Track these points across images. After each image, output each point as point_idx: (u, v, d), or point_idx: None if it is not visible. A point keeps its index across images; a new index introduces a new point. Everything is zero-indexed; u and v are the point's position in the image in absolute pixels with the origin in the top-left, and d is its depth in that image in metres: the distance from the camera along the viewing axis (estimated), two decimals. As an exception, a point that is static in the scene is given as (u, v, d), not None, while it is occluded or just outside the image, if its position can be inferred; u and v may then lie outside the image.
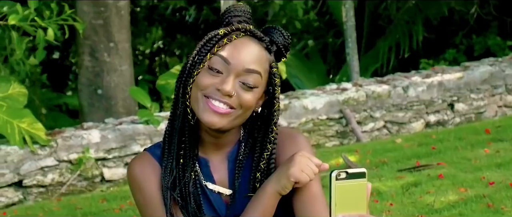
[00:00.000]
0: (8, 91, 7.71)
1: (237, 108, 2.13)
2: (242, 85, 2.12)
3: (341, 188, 1.90)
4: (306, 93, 9.06)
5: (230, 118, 2.13)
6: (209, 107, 2.11)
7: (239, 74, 2.12)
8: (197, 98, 2.13)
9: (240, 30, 2.15)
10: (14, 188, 7.39)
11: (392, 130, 9.13)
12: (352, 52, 11.04)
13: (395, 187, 6.18)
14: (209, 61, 2.13)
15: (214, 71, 2.12)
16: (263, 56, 2.16)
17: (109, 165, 7.75)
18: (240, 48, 2.13)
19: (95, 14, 9.17)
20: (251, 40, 2.16)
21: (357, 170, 1.93)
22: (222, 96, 2.10)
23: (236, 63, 2.12)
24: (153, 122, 7.91)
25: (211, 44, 2.14)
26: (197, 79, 2.13)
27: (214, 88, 2.11)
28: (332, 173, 1.90)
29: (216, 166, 2.22)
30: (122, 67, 9.30)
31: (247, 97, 2.13)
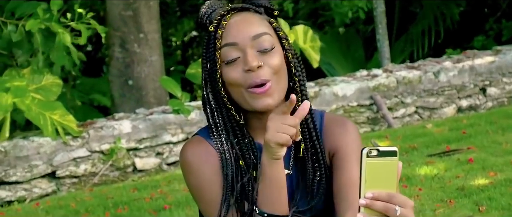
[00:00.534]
0: (41, 82, 7.80)
1: (272, 78, 2.11)
2: (261, 53, 2.11)
3: (371, 165, 1.88)
4: (336, 80, 9.05)
5: (274, 90, 2.11)
6: (256, 94, 2.10)
7: (251, 46, 2.11)
8: (240, 94, 2.12)
9: (225, 14, 2.15)
10: (47, 179, 7.47)
11: (424, 115, 9.10)
12: (383, 38, 11.00)
13: (425, 172, 6.16)
14: (221, 58, 2.13)
15: (231, 62, 2.11)
16: (258, 19, 2.16)
17: (141, 155, 7.81)
18: (235, 25, 2.13)
19: (125, 6, 9.22)
20: (239, 14, 2.16)
21: (389, 148, 1.90)
22: (256, 76, 2.09)
23: (241, 38, 2.11)
24: (183, 112, 7.94)
25: (211, 44, 2.13)
26: (225, 80, 2.13)
27: (244, 74, 2.10)
28: (363, 150, 1.89)
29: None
30: (152, 58, 9.35)
31: (273, 60, 2.11)
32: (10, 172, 7.28)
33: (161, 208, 6.10)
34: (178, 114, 7.96)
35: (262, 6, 2.20)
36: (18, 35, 7.49)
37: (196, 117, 8.00)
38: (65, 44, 7.48)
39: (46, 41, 7.57)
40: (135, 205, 6.28)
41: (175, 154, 7.91)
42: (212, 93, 2.16)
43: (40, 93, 7.75)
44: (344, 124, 2.24)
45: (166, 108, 8.22)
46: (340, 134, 2.21)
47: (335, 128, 2.23)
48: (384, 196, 1.85)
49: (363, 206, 1.88)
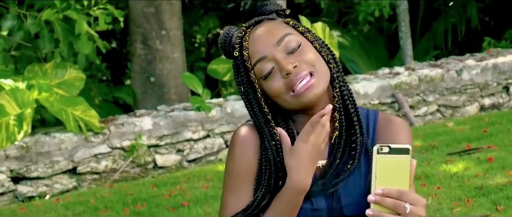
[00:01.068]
0: (64, 76, 7.84)
1: (313, 69, 2.12)
2: (291, 53, 2.12)
3: (382, 162, 1.90)
4: (358, 78, 9.02)
5: (316, 81, 2.11)
6: (303, 91, 2.10)
7: (279, 51, 2.12)
8: (287, 101, 2.14)
9: (243, 35, 2.18)
10: (68, 175, 7.52)
11: (446, 114, 9.05)
12: (405, 36, 10.95)
13: (444, 171, 6.13)
14: (256, 76, 2.16)
15: (268, 75, 2.13)
16: (274, 25, 2.18)
17: (162, 152, 7.83)
18: (257, 40, 2.15)
19: (147, 2, 9.25)
20: (255, 29, 2.19)
21: (401, 145, 1.91)
22: (296, 76, 2.10)
23: (267, 49, 2.13)
24: (204, 109, 7.96)
25: (241, 68, 2.17)
26: (269, 93, 2.15)
27: (285, 79, 2.11)
28: (374, 146, 1.90)
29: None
30: (174, 55, 9.37)
31: (305, 56, 2.12)
32: (32, 168, 7.33)
33: (179, 205, 6.12)
34: (199, 111, 7.98)
35: (272, 12, 2.23)
36: (37, 26, 7.53)
37: (217, 114, 8.01)
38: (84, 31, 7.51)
39: (67, 30, 7.60)
40: (154, 201, 6.30)
41: (196, 151, 7.94)
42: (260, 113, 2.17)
43: (62, 88, 7.79)
44: (398, 124, 2.22)
45: (187, 105, 8.24)
46: (394, 133, 2.19)
47: (389, 127, 2.21)
48: (394, 193, 1.85)
49: (372, 202, 1.88)
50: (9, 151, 7.23)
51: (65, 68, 7.88)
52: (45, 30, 7.56)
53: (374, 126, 2.22)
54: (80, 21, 7.36)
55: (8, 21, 7.49)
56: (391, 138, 2.18)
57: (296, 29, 2.18)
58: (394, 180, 1.89)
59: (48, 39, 7.63)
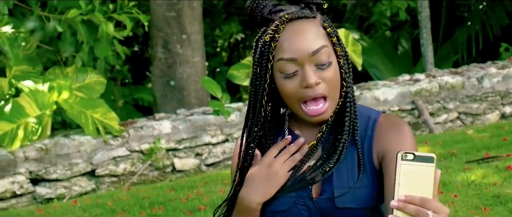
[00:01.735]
0: (85, 80, 7.89)
1: (329, 94, 2.13)
2: (319, 68, 2.12)
3: (406, 169, 1.88)
4: (378, 84, 9.00)
5: (330, 106, 2.14)
6: (311, 115, 2.13)
7: (310, 61, 2.11)
8: (294, 106, 2.16)
9: (281, 24, 2.13)
10: (87, 178, 7.55)
11: (466, 121, 9.01)
12: (427, 42, 10.92)
13: (461, 179, 6.10)
14: (278, 68, 2.14)
15: (290, 75, 2.12)
16: (314, 27, 2.14)
17: (180, 156, 7.85)
18: (291, 40, 2.12)
19: (168, 6, 9.28)
20: (295, 23, 2.14)
21: (425, 154, 1.90)
22: (313, 92, 2.11)
23: (300, 54, 2.10)
24: (223, 113, 7.97)
25: (265, 54, 2.14)
26: (281, 91, 2.15)
27: (302, 88, 2.12)
28: (399, 152, 1.89)
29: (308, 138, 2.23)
30: (194, 59, 9.40)
31: (329, 74, 2.12)
32: (51, 170, 7.37)
33: (196, 208, 6.13)
34: (218, 115, 7.99)
35: (313, 3, 2.18)
36: (63, 25, 7.58)
37: (236, 118, 8.02)
38: (108, 34, 7.55)
39: (90, 33, 7.65)
40: (170, 205, 6.32)
41: (214, 155, 7.95)
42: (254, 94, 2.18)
43: (83, 91, 7.83)
44: (398, 127, 2.20)
45: (207, 109, 8.25)
46: (392, 138, 2.17)
47: (388, 131, 2.19)
48: (417, 200, 1.84)
49: (395, 208, 1.87)
50: (28, 152, 7.27)
51: (86, 72, 7.94)
52: (68, 32, 7.61)
53: (372, 128, 2.21)
54: (103, 24, 7.39)
55: (31, 22, 7.54)
56: (389, 143, 2.16)
57: (330, 38, 2.16)
58: (417, 187, 1.88)
59: (69, 42, 7.68)
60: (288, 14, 2.13)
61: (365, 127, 2.22)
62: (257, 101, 2.18)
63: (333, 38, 2.15)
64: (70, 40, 7.64)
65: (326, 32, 2.15)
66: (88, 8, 7.46)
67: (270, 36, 2.12)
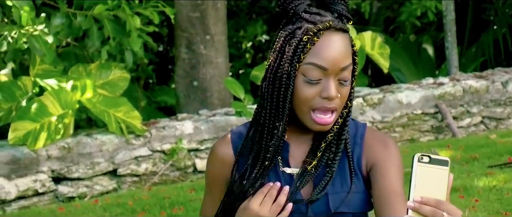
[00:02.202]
0: (108, 77, 7.91)
1: (339, 108, 2.17)
2: (340, 83, 2.15)
3: (422, 171, 1.91)
4: (401, 87, 8.97)
5: (332, 120, 2.18)
6: (319, 123, 2.15)
7: (336, 75, 2.13)
8: (302, 111, 2.16)
9: (323, 29, 2.13)
10: (109, 177, 7.58)
11: (490, 126, 8.96)
12: (451, 46, 10.86)
13: (483, 184, 6.06)
14: (302, 71, 2.13)
15: (313, 81, 2.13)
16: (347, 42, 2.16)
17: (202, 156, 7.86)
18: (328, 49, 2.11)
19: (192, 7, 9.30)
20: (334, 33, 2.14)
21: (440, 157, 1.92)
22: (329, 104, 2.13)
23: (331, 66, 2.11)
24: (246, 114, 7.97)
25: (298, 54, 2.13)
26: (297, 92, 2.15)
27: (319, 97, 2.13)
28: (415, 155, 1.91)
29: (297, 149, 2.26)
30: (217, 60, 9.40)
31: (345, 91, 2.16)
32: (73, 169, 7.40)
33: (216, 209, 6.12)
34: (240, 116, 7.99)
35: (344, 16, 2.19)
36: (88, 22, 7.62)
37: (258, 120, 8.01)
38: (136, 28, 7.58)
39: (116, 28, 7.68)
40: (191, 205, 6.33)
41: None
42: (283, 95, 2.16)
43: (106, 89, 7.85)
44: (386, 141, 2.26)
45: (229, 110, 8.26)
46: (380, 150, 2.24)
47: (376, 142, 2.25)
48: (433, 202, 1.87)
49: (411, 208, 1.90)
50: (51, 151, 7.31)
51: (109, 68, 7.94)
52: (95, 27, 7.65)
53: (361, 138, 2.26)
54: (131, 18, 7.43)
55: (58, 19, 7.58)
56: (377, 154, 2.22)
57: (354, 56, 2.18)
58: (432, 190, 1.91)
59: (97, 37, 7.71)
60: (332, 22, 2.13)
61: (355, 134, 2.27)
62: (286, 101, 2.16)
63: (356, 57, 2.19)
64: (97, 34, 7.68)
65: (353, 50, 2.18)
66: (115, 3, 7.50)
67: (309, 37, 2.12)
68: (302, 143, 2.25)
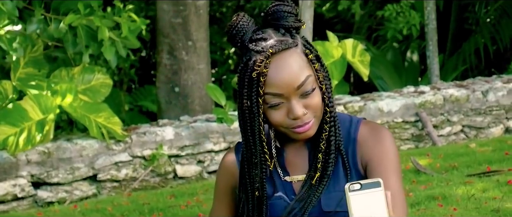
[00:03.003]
0: (91, 82, 7.89)
1: (315, 116, 2.19)
2: (304, 97, 2.16)
3: (356, 199, 1.92)
4: (382, 95, 9.00)
5: (315, 123, 2.19)
6: (298, 133, 2.18)
7: (295, 94, 2.15)
8: (281, 130, 2.20)
9: (266, 59, 2.14)
10: (88, 182, 7.56)
11: (470, 134, 8.99)
12: (433, 55, 10.92)
13: (462, 192, 6.09)
14: (264, 100, 2.16)
15: (275, 106, 2.16)
16: (297, 57, 2.17)
17: (182, 162, 7.86)
18: (278, 74, 2.14)
19: (174, 13, 9.29)
20: (279, 56, 2.15)
21: (371, 180, 1.94)
22: (300, 121, 2.16)
23: (286, 89, 2.14)
24: (227, 121, 7.98)
25: (254, 89, 2.15)
26: (268, 118, 2.18)
27: (288, 119, 2.16)
28: (345, 186, 1.93)
29: (294, 155, 2.28)
30: (199, 66, 9.40)
31: (314, 101, 2.17)
32: (52, 173, 7.38)
33: (195, 215, 6.13)
34: (222, 122, 7.99)
35: (293, 27, 2.19)
36: (60, 31, 7.60)
37: (239, 126, 8.01)
38: (106, 37, 7.55)
39: (90, 36, 7.66)
40: (170, 211, 6.33)
41: (216, 163, 7.95)
42: (250, 129, 2.20)
43: (87, 95, 7.84)
44: (380, 136, 2.25)
45: (210, 116, 8.26)
46: (374, 146, 2.22)
47: (370, 139, 2.24)
48: None
49: None
50: (30, 156, 7.29)
51: (93, 72, 7.92)
52: (69, 34, 7.63)
53: (354, 136, 2.26)
54: (102, 27, 7.42)
55: (33, 25, 7.56)
56: (371, 151, 2.22)
57: (313, 64, 2.18)
58: (373, 212, 1.91)
59: (71, 44, 7.69)
60: (272, 48, 2.14)
61: (348, 131, 2.27)
62: (255, 132, 2.20)
63: (315, 64, 2.19)
64: (72, 40, 7.65)
65: (308, 59, 2.18)
66: (87, 11, 7.48)
67: (257, 73, 2.13)
68: (298, 148, 2.27)
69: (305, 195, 2.21)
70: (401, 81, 13.39)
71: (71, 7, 7.63)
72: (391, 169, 2.19)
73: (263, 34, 2.18)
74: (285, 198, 2.24)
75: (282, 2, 2.20)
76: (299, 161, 2.26)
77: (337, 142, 2.23)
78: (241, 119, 2.22)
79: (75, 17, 7.41)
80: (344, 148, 2.25)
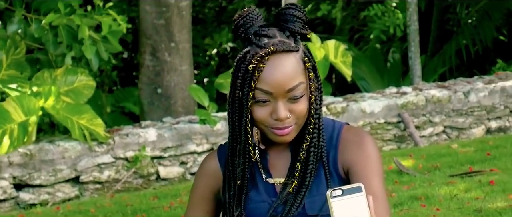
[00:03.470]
0: (73, 84, 7.87)
1: (296, 123, 2.20)
2: (291, 101, 2.18)
3: (338, 205, 1.94)
4: (365, 96, 9.02)
5: (295, 129, 2.21)
6: (276, 134, 2.20)
7: (284, 96, 2.17)
8: (261, 127, 2.22)
9: (266, 55, 2.16)
10: (71, 184, 7.54)
11: (452, 135, 9.03)
12: (415, 56, 10.96)
13: (444, 192, 6.12)
14: (253, 94, 2.18)
15: (261, 102, 2.17)
16: (295, 62, 2.19)
17: (165, 164, 7.85)
18: (272, 74, 2.16)
19: (157, 14, 9.29)
20: (278, 56, 2.17)
21: (352, 185, 1.96)
22: (282, 125, 2.18)
23: (276, 90, 2.16)
24: (210, 122, 7.98)
25: (247, 81, 2.17)
26: (252, 113, 2.19)
27: (270, 118, 2.18)
28: (327, 192, 1.94)
29: (277, 158, 2.29)
30: (182, 67, 9.40)
31: (300, 107, 2.18)
32: (35, 175, 7.36)
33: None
34: (204, 124, 7.99)
35: (299, 33, 2.21)
36: (41, 31, 7.58)
37: (222, 127, 8.03)
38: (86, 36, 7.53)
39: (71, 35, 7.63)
40: (153, 212, 6.32)
41: (199, 164, 7.93)
42: (238, 119, 2.22)
43: (70, 96, 7.82)
44: (361, 141, 2.26)
45: (193, 117, 8.25)
46: (355, 151, 2.24)
47: (351, 144, 2.26)
48: None
49: None
50: (12, 157, 7.26)
51: (75, 74, 7.91)
52: (50, 34, 7.60)
53: (336, 141, 2.27)
54: (83, 26, 7.39)
55: (14, 25, 7.53)
56: (352, 157, 2.24)
57: (308, 73, 2.20)
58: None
59: (52, 43, 7.66)
60: (273, 46, 2.16)
61: (330, 136, 2.28)
62: (242, 124, 2.21)
63: (310, 73, 2.21)
64: (53, 40, 7.62)
65: (305, 66, 2.20)
66: (68, 10, 7.46)
67: (254, 66, 2.15)
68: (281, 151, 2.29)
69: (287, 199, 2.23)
70: (383, 82, 13.43)
71: (51, 7, 7.60)
72: (373, 172, 2.21)
73: (268, 31, 2.20)
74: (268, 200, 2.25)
75: (295, 6, 2.23)
76: (281, 164, 2.28)
77: (319, 153, 2.25)
78: (230, 108, 2.23)
79: (56, 16, 7.39)
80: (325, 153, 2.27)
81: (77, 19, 7.40)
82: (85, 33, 7.46)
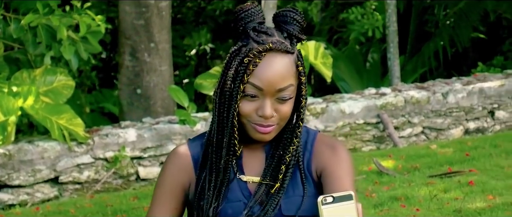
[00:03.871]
0: (52, 83, 7.83)
1: (279, 123, 2.24)
2: (279, 101, 2.21)
3: (329, 212, 1.96)
4: (344, 97, 9.05)
5: (276, 130, 2.24)
6: (258, 131, 2.22)
7: (273, 95, 2.19)
8: (243, 122, 2.23)
9: (263, 51, 2.19)
10: (50, 184, 7.51)
11: (430, 136, 9.08)
12: (394, 57, 11.00)
13: (424, 193, 6.15)
14: (243, 87, 2.20)
15: (249, 97, 2.20)
16: (289, 64, 2.21)
17: (145, 164, 7.84)
18: (267, 70, 2.18)
19: (137, 15, 9.27)
20: (276, 55, 2.20)
21: (343, 193, 1.99)
22: (266, 123, 2.20)
23: (267, 87, 2.18)
24: (189, 122, 7.97)
25: (241, 74, 2.19)
26: (239, 106, 2.21)
27: (256, 114, 2.20)
28: (319, 198, 1.96)
29: (250, 157, 2.31)
30: (162, 68, 9.39)
31: (285, 108, 2.22)
32: (14, 176, 7.32)
33: (159, 217, 6.11)
34: (184, 124, 7.99)
35: (295, 37, 2.23)
36: (20, 31, 7.54)
37: (202, 128, 8.03)
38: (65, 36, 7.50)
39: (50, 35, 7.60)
40: (133, 213, 6.31)
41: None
42: (227, 110, 2.23)
43: (49, 96, 7.78)
44: (334, 146, 2.32)
45: (173, 118, 8.25)
46: (329, 155, 2.29)
47: (325, 148, 2.31)
48: None
49: None
50: (-9, 158, 7.22)
51: (54, 74, 7.87)
52: (29, 34, 7.57)
53: (311, 146, 2.32)
54: (61, 26, 7.37)
55: None
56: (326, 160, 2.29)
57: (299, 76, 2.23)
58: None
59: (32, 43, 7.63)
60: (272, 44, 2.18)
61: (305, 141, 2.33)
62: (229, 116, 2.22)
63: (302, 78, 2.23)
64: (32, 40, 7.59)
65: (297, 70, 2.22)
66: (46, 10, 7.43)
67: (250, 60, 2.18)
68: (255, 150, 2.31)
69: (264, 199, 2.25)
70: (362, 82, 13.48)
71: (30, 7, 7.57)
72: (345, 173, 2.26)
73: (267, 29, 2.23)
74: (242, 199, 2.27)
75: (295, 10, 2.26)
76: (255, 163, 2.30)
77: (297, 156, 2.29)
78: (218, 99, 2.24)
79: (34, 16, 7.36)
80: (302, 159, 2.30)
81: (55, 19, 7.37)
82: (64, 33, 7.43)
